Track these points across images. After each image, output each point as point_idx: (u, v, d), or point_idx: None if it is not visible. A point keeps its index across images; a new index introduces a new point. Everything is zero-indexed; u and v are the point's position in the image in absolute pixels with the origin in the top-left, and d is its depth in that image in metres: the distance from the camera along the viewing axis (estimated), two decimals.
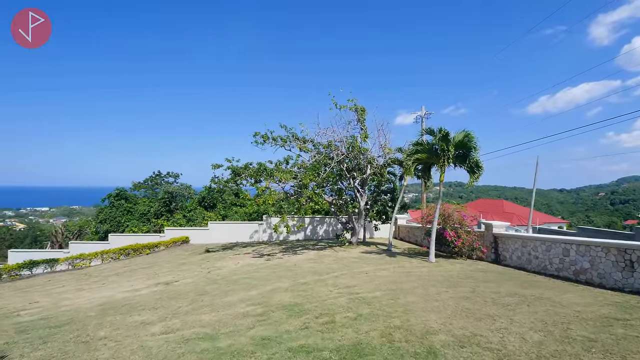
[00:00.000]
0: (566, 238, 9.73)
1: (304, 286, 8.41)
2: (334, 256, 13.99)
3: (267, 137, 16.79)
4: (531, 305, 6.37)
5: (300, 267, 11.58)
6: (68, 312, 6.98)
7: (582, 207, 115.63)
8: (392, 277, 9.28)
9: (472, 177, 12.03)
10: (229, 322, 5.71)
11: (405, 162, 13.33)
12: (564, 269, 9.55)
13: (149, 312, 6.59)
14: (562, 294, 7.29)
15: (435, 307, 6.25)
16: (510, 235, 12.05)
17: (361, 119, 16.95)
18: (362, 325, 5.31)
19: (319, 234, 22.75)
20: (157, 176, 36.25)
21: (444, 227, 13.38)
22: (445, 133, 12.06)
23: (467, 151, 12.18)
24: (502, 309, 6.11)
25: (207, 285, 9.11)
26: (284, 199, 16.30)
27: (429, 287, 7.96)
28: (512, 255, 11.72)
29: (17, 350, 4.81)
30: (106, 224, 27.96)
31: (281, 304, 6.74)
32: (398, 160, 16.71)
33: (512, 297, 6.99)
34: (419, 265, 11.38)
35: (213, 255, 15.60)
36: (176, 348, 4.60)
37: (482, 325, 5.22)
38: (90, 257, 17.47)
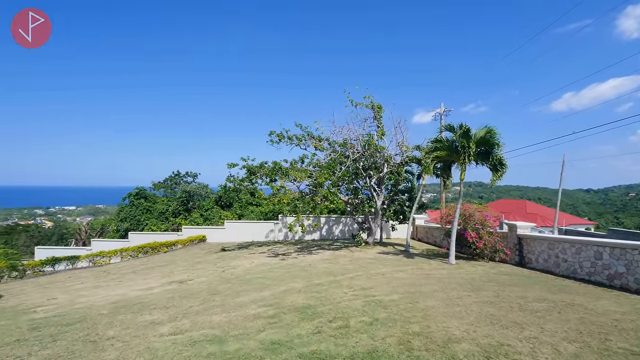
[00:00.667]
0: (598, 240, 9.08)
1: (318, 287, 8.15)
2: (349, 256, 13.68)
3: (282, 136, 16.69)
4: (562, 312, 5.89)
5: (315, 267, 11.33)
6: (81, 310, 6.97)
7: (610, 208, 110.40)
8: (411, 280, 8.89)
9: (494, 175, 11.47)
10: (239, 323, 5.51)
11: (424, 160, 12.86)
12: (596, 273, 8.93)
13: (160, 311, 6.49)
14: (595, 301, 6.74)
15: (457, 312, 5.86)
16: (536, 237, 11.42)
17: (378, 116, 16.55)
18: (378, 331, 4.99)
19: (334, 233, 22.46)
20: (176, 176, 36.88)
21: (464, 228, 12.84)
22: (466, 129, 11.55)
23: (489, 148, 11.63)
24: (531, 315, 5.66)
25: (220, 284, 8.99)
26: (299, 198, 16.12)
27: (450, 290, 7.54)
28: (538, 257, 11.10)
29: (27, 348, 4.75)
30: (126, 222, 28.60)
31: (294, 305, 6.50)
32: (416, 159, 16.22)
33: (540, 302, 6.50)
34: (439, 267, 10.92)
35: (229, 254, 15.57)
36: (182, 351, 4.42)
37: (510, 334, 4.81)
38: (110, 254, 17.80)
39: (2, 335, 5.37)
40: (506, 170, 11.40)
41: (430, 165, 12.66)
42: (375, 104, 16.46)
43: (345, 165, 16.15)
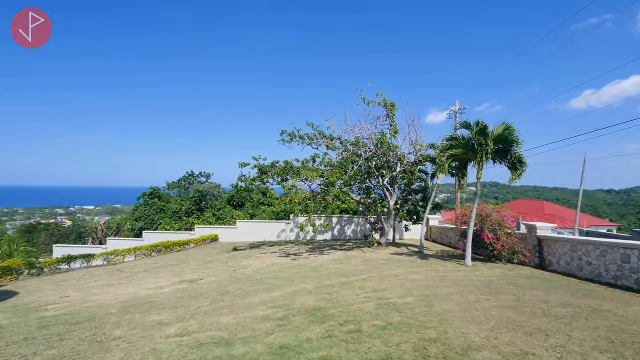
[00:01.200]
0: (626, 242, 8.58)
1: (329, 288, 7.93)
2: (361, 257, 13.41)
3: (293, 135, 16.55)
4: (590, 318, 5.51)
5: (327, 267, 11.12)
6: (91, 308, 6.94)
7: (633, 209, 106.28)
8: (425, 282, 8.58)
9: (513, 174, 11.02)
10: (247, 325, 5.34)
11: (439, 159, 12.48)
12: (623, 277, 8.44)
13: (168, 311, 6.39)
14: (625, 306, 6.31)
15: (475, 317, 5.55)
16: (558, 238, 10.93)
17: (390, 114, 16.20)
18: (392, 336, 4.73)
19: (346, 233, 22.20)
20: (189, 176, 37.24)
21: (481, 228, 12.41)
22: (483, 126, 11.15)
23: (507, 145, 11.19)
24: (555, 322, 5.31)
25: (230, 284, 8.87)
26: (310, 197, 15.94)
27: (467, 293, 7.21)
28: (560, 260, 10.61)
29: (33, 347, 4.70)
30: (141, 221, 28.96)
31: (304, 307, 6.30)
32: (430, 157, 15.82)
33: (565, 308, 6.12)
34: (454, 269, 10.55)
35: (240, 254, 15.51)
36: (188, 354, 4.28)
37: (534, 342, 4.48)
38: (124, 253, 17.99)
39: (11, 333, 5.35)
40: (526, 169, 10.94)
41: (445, 163, 12.28)
42: (388, 102, 16.12)
43: (357, 164, 15.88)
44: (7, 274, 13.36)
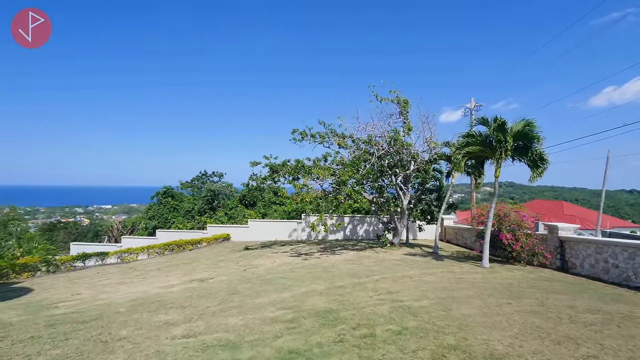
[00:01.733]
0: None
1: (341, 290, 7.68)
2: (374, 257, 13.10)
3: (305, 134, 16.34)
4: (622, 326, 5.11)
5: (338, 268, 10.86)
6: (100, 307, 6.88)
7: None
8: (441, 284, 8.23)
9: (534, 172, 10.54)
10: (256, 327, 5.15)
11: (454, 157, 12.06)
12: None
13: (177, 311, 6.25)
14: None
15: (497, 322, 5.21)
16: (582, 240, 10.40)
17: (404, 111, 15.81)
18: (408, 342, 4.45)
19: (358, 233, 21.87)
20: (203, 175, 37.53)
21: (499, 229, 11.93)
22: (502, 122, 10.70)
23: (528, 142, 10.71)
24: (585, 329, 4.94)
25: (240, 284, 8.72)
26: (322, 196, 15.71)
27: (487, 297, 6.85)
28: (584, 262, 10.08)
29: (38, 346, 4.61)
30: (154, 220, 29.28)
31: (314, 309, 6.06)
32: (445, 156, 15.37)
33: (593, 314, 5.72)
34: (471, 271, 10.14)
35: (251, 253, 15.40)
36: (193, 357, 4.10)
37: (563, 351, 4.14)
38: (137, 251, 18.14)
39: (18, 332, 5.30)
40: (547, 167, 10.45)
41: (462, 161, 11.86)
42: (402, 99, 15.74)
43: (369, 162, 15.56)
44: (24, 271, 13.60)
